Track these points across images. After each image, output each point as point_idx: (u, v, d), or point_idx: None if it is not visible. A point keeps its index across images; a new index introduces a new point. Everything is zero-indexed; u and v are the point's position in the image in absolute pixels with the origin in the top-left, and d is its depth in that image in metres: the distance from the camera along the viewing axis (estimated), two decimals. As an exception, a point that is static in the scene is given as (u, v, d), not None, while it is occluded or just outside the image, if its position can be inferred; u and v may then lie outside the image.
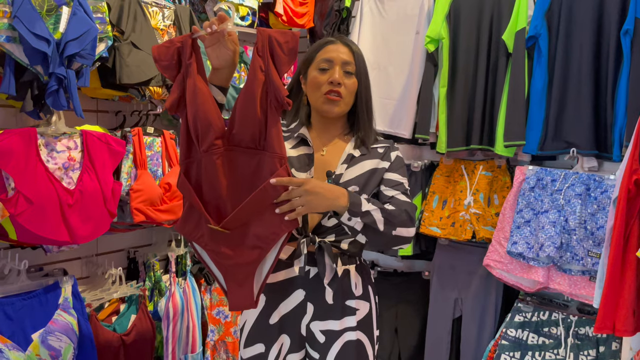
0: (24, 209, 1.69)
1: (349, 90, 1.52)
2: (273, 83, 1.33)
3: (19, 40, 1.67)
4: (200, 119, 1.32)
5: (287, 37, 1.34)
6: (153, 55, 1.34)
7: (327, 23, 2.87)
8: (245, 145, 1.36)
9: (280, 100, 1.34)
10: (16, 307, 1.79)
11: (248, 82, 1.34)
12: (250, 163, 1.37)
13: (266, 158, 1.36)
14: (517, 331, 2.24)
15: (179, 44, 1.33)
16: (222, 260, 1.39)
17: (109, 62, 1.96)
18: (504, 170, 2.45)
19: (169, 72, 1.35)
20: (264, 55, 1.33)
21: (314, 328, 1.50)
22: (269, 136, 1.35)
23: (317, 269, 1.47)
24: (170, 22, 2.19)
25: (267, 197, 1.35)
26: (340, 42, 1.54)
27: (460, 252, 2.56)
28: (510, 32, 2.32)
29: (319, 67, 1.51)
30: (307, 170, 1.50)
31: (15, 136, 1.72)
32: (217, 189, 1.36)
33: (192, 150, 1.37)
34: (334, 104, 1.51)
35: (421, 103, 2.52)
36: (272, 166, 1.35)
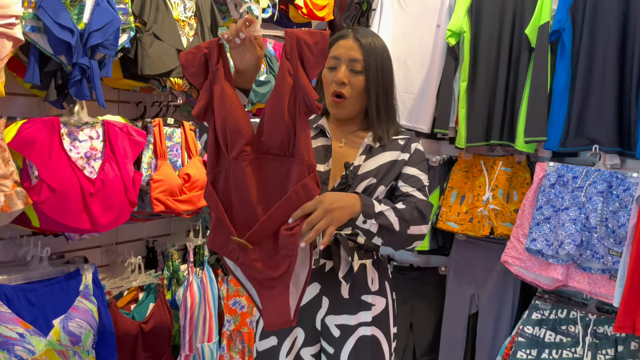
0: (47, 197, 1.71)
1: (355, 90, 1.48)
2: (302, 87, 1.28)
3: (44, 30, 1.69)
4: (229, 125, 1.29)
5: (317, 38, 1.27)
6: (180, 63, 1.31)
7: (347, 16, 2.85)
8: (274, 152, 1.32)
9: (310, 105, 1.28)
10: (38, 293, 1.82)
11: (276, 86, 1.29)
12: (280, 170, 1.32)
13: (295, 165, 1.30)
14: (534, 329, 2.22)
15: (206, 50, 1.29)
16: (254, 274, 1.34)
17: (131, 52, 1.98)
18: (524, 166, 2.43)
19: (196, 79, 1.32)
20: (292, 58, 1.28)
21: (328, 322, 1.49)
22: (298, 142, 1.30)
23: (333, 263, 1.47)
24: (192, 13, 2.20)
25: (293, 206, 1.29)
26: (352, 36, 1.49)
27: (477, 248, 2.54)
28: (534, 26, 2.28)
29: (328, 64, 1.49)
30: (325, 161, 1.49)
31: (39, 125, 1.74)
32: (246, 198, 1.31)
33: (220, 159, 1.33)
34: (339, 107, 1.49)
35: (441, 97, 2.50)
36: (301, 174, 1.30)
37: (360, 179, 1.48)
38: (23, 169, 1.73)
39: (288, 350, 1.49)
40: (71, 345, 1.81)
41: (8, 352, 1.68)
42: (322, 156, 1.50)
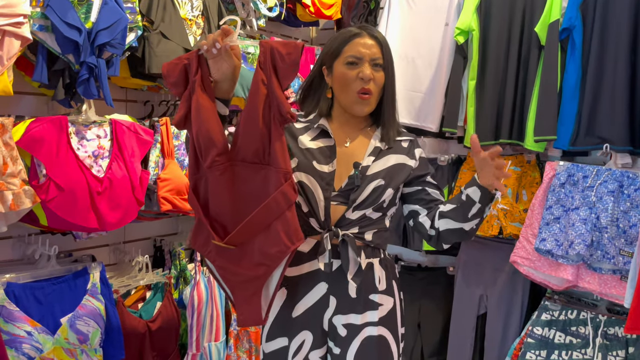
0: (55, 196, 1.72)
1: (378, 86, 1.50)
2: (276, 97, 1.32)
3: (52, 29, 1.70)
4: (202, 135, 1.33)
5: (289, 49, 1.32)
6: (162, 73, 1.36)
7: (355, 14, 2.84)
8: (250, 160, 1.37)
9: (283, 114, 1.33)
10: (46, 292, 1.82)
11: (250, 96, 1.34)
12: (255, 178, 1.37)
13: (271, 173, 1.36)
14: (544, 329, 2.20)
15: (186, 61, 1.33)
16: (229, 276, 1.41)
17: (138, 51, 1.98)
18: (534, 165, 2.40)
19: (176, 89, 1.36)
20: (265, 68, 1.33)
21: (336, 322, 1.48)
22: (273, 151, 1.35)
23: (341, 263, 1.46)
24: (199, 12, 2.20)
25: (272, 213, 1.35)
26: (366, 34, 1.50)
27: (486, 248, 2.52)
28: (543, 24, 2.26)
29: (347, 61, 1.48)
30: (329, 162, 1.49)
31: (47, 124, 1.75)
32: (222, 205, 1.37)
33: (199, 166, 1.38)
34: (365, 104, 1.49)
35: (449, 96, 2.48)
36: (277, 181, 1.35)
37: (369, 179, 1.47)
38: (31, 167, 1.74)
39: (295, 352, 1.48)
40: (79, 343, 1.81)
41: (16, 350, 1.68)
42: (327, 157, 1.49)
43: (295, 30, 3.15)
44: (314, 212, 1.47)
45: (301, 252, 1.48)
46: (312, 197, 1.47)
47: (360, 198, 1.46)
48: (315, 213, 1.47)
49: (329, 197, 1.46)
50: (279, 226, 1.36)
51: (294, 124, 1.54)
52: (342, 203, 1.47)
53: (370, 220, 1.49)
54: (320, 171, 1.47)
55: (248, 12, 2.51)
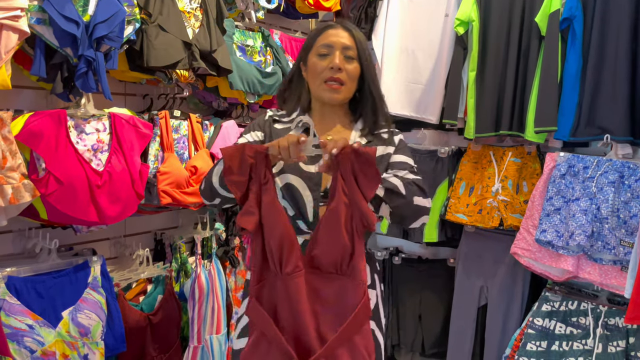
0: (54, 189, 1.72)
1: (350, 76, 1.48)
2: (359, 207, 1.26)
3: (49, 22, 1.69)
4: (286, 241, 1.27)
5: (368, 159, 1.25)
6: (225, 166, 1.27)
7: (354, 6, 2.83)
8: (325, 269, 1.30)
9: (367, 226, 1.27)
10: (47, 285, 1.83)
11: (333, 206, 1.27)
12: (331, 288, 1.30)
13: (349, 284, 1.29)
14: (545, 320, 2.20)
15: (252, 160, 1.26)
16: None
17: (136, 44, 1.97)
18: (534, 156, 2.40)
19: (239, 188, 1.28)
20: (347, 177, 1.26)
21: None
22: (356, 263, 1.28)
23: None
24: (197, 4, 2.19)
25: (355, 327, 1.28)
26: (340, 26, 1.51)
27: (487, 240, 2.52)
28: (544, 14, 2.25)
29: (318, 52, 1.48)
30: (315, 162, 1.47)
31: (46, 118, 1.74)
32: (298, 316, 1.27)
33: (264, 273, 1.30)
34: (335, 92, 1.48)
35: (449, 87, 2.47)
36: (357, 294, 1.28)
37: None
38: (30, 161, 1.74)
39: None
40: (80, 336, 1.82)
41: (18, 343, 1.69)
42: (312, 157, 1.47)
43: (294, 23, 3.13)
44: (301, 214, 1.45)
45: None
46: (301, 198, 1.45)
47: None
48: (303, 215, 1.45)
49: (317, 197, 1.45)
50: (360, 341, 1.29)
51: (276, 125, 1.52)
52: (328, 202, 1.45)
53: None
54: (307, 172, 1.46)
55: (247, 5, 2.50)
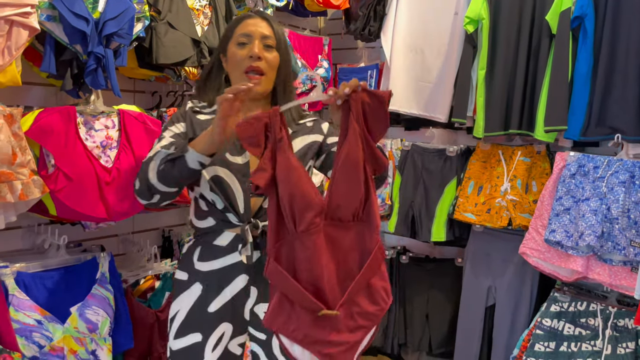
0: (64, 186, 1.73)
1: (270, 65, 1.48)
2: (371, 151, 1.25)
3: (59, 19, 1.70)
4: (297, 200, 1.23)
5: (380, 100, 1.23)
6: (238, 134, 1.25)
7: (363, 4, 2.82)
8: (344, 218, 1.27)
9: (379, 169, 1.26)
10: (55, 281, 1.84)
11: (349, 152, 1.24)
12: (348, 236, 1.28)
13: (365, 229, 1.28)
14: (553, 321, 2.19)
15: (267, 119, 1.25)
16: (326, 349, 1.25)
17: (145, 42, 1.98)
18: (544, 156, 2.38)
19: (256, 149, 1.26)
20: (359, 121, 1.23)
21: (257, 310, 1.49)
22: (369, 207, 1.27)
23: (261, 254, 1.46)
24: (207, 2, 2.19)
25: (373, 270, 1.28)
26: (258, 16, 1.51)
27: (495, 239, 2.51)
28: (555, 12, 2.23)
29: (237, 41, 1.48)
30: (241, 153, 1.47)
31: (55, 114, 1.75)
32: (316, 270, 1.24)
33: (281, 232, 1.27)
34: (255, 83, 1.45)
35: (458, 86, 2.46)
36: (374, 238, 1.28)
37: None
38: (40, 157, 1.75)
39: (214, 346, 1.47)
40: (88, 332, 1.82)
41: (26, 338, 1.70)
42: (238, 148, 1.47)
43: (303, 20, 3.13)
44: (232, 206, 1.45)
45: (218, 247, 1.47)
46: (230, 190, 1.44)
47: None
48: (234, 207, 1.45)
49: (247, 189, 1.44)
50: (378, 282, 1.29)
51: (198, 116, 1.51)
52: (258, 195, 1.42)
53: None
54: (234, 163, 1.45)
55: (255, 2, 2.50)
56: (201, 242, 1.51)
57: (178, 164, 1.36)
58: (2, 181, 1.57)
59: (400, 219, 2.67)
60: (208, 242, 1.49)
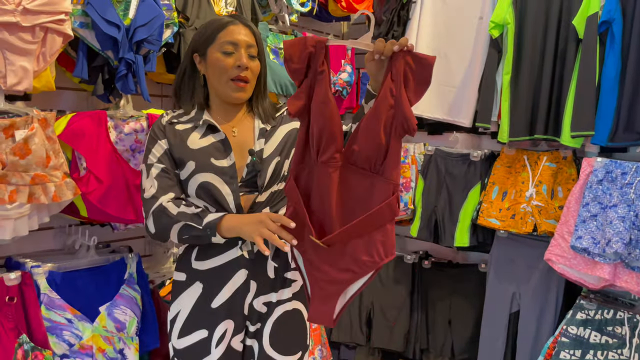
0: (94, 188, 1.77)
1: (254, 74, 1.52)
2: (403, 111, 1.28)
3: (92, 26, 1.75)
4: (327, 130, 1.30)
5: (424, 65, 1.26)
6: (285, 55, 1.29)
7: (387, 9, 2.83)
8: (360, 165, 1.33)
9: (407, 129, 1.29)
10: (85, 281, 1.88)
11: (376, 104, 1.30)
12: (363, 184, 1.33)
13: (380, 183, 1.32)
14: (579, 329, 2.16)
15: (312, 49, 1.29)
16: (314, 271, 1.39)
17: (174, 47, 2.02)
18: (570, 161, 2.35)
19: (297, 76, 1.31)
20: (396, 79, 1.27)
21: (255, 304, 1.52)
22: (389, 161, 1.31)
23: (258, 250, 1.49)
24: (233, 8, 2.23)
25: (375, 222, 1.32)
26: (240, 23, 1.52)
27: (520, 245, 2.48)
28: (582, 17, 2.21)
29: (222, 49, 1.48)
30: (226, 156, 1.48)
31: (87, 118, 1.80)
32: (325, 202, 1.34)
33: (306, 157, 1.36)
34: (242, 91, 1.50)
35: (483, 90, 2.45)
36: (385, 192, 1.31)
37: (268, 161, 1.50)
38: (72, 160, 1.80)
39: (218, 341, 1.49)
40: (116, 331, 1.86)
41: (57, 336, 1.75)
42: (222, 151, 1.49)
43: (326, 25, 3.15)
44: (223, 209, 1.47)
45: (217, 244, 1.49)
46: (219, 194, 1.47)
47: (266, 180, 1.49)
48: (225, 209, 1.47)
49: (235, 189, 1.47)
50: (378, 237, 1.33)
51: (176, 127, 1.51)
52: (249, 192, 1.49)
53: (278, 195, 1.53)
54: (220, 167, 1.47)
55: (280, 8, 2.53)
56: None
57: (203, 239, 1.42)
58: (36, 183, 1.62)
59: (423, 223, 2.66)
60: None
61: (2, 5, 1.52)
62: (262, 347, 1.53)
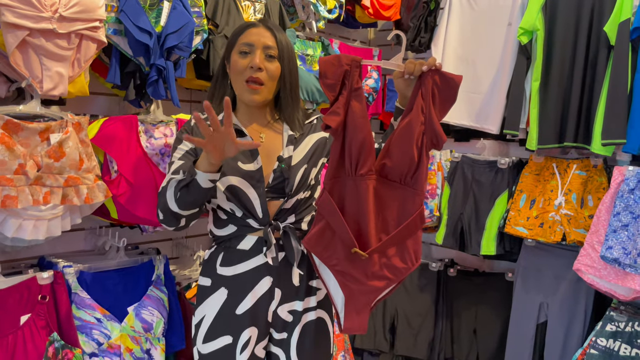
0: (125, 191, 1.81)
1: (270, 76, 1.48)
2: (433, 126, 1.36)
3: (124, 33, 1.79)
4: (367, 144, 1.37)
5: (451, 84, 1.36)
6: (320, 71, 1.35)
7: (414, 15, 2.83)
8: (392, 178, 1.40)
9: (436, 144, 1.38)
10: (115, 281, 1.92)
11: (409, 120, 1.36)
12: (395, 195, 1.41)
13: (410, 194, 1.40)
14: (608, 341, 2.11)
15: (347, 67, 1.35)
16: (350, 283, 1.43)
17: (203, 54, 2.05)
18: (601, 170, 2.31)
19: (332, 91, 1.37)
20: (426, 97, 1.36)
21: (280, 312, 1.52)
22: (419, 175, 1.39)
23: (285, 254, 1.50)
24: (261, 15, 2.26)
25: (410, 231, 1.41)
26: (262, 25, 1.51)
27: (548, 255, 2.44)
28: (613, 23, 2.17)
29: (240, 50, 1.48)
30: (252, 160, 1.48)
31: (119, 123, 1.84)
32: (362, 214, 1.39)
33: (340, 171, 1.40)
34: (254, 93, 1.47)
35: (511, 97, 2.42)
36: (417, 203, 1.40)
37: (296, 168, 1.50)
38: (104, 163, 1.84)
39: (243, 347, 1.49)
40: (143, 332, 1.90)
41: (86, 335, 1.78)
42: (248, 156, 1.49)
43: (353, 32, 3.16)
44: (250, 212, 1.47)
45: (242, 251, 1.49)
46: (246, 197, 1.47)
47: (293, 187, 1.49)
48: (252, 213, 1.47)
49: (262, 193, 1.47)
50: (411, 244, 1.42)
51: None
52: (275, 198, 1.49)
53: (304, 203, 1.53)
54: (247, 170, 1.47)
55: (308, 15, 2.55)
56: (223, 248, 1.54)
57: (192, 187, 1.38)
58: (69, 185, 1.66)
59: (449, 231, 2.64)
60: (231, 247, 1.52)
61: (40, 12, 1.58)
62: (289, 357, 1.53)
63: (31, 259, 1.94)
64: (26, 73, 1.60)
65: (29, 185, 1.58)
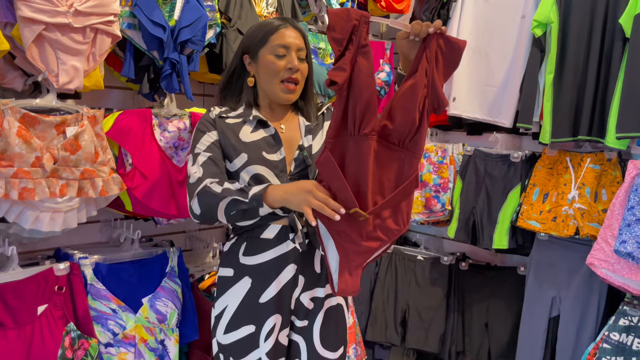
0: (139, 183, 1.84)
1: (303, 76, 1.58)
2: (436, 90, 1.36)
3: (139, 27, 1.81)
4: (371, 102, 1.34)
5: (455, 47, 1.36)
6: (329, 24, 1.31)
7: (427, 8, 2.81)
8: (391, 140, 1.40)
9: (437, 108, 1.38)
10: (129, 273, 1.95)
11: (414, 83, 1.35)
12: (393, 157, 1.41)
13: (407, 157, 1.41)
14: (621, 335, 2.10)
15: (356, 22, 1.31)
16: (346, 243, 1.42)
17: (216, 48, 2.07)
18: (615, 163, 2.29)
19: (338, 45, 1.32)
20: (431, 60, 1.35)
21: (302, 299, 1.55)
22: (418, 138, 1.39)
23: (309, 240, 1.53)
24: (274, 9, 2.26)
25: (406, 193, 1.42)
26: (291, 26, 1.56)
27: (560, 249, 2.43)
28: (629, 15, 2.14)
29: (275, 52, 1.53)
30: (277, 150, 1.54)
31: (133, 116, 1.86)
32: (362, 174, 1.37)
33: (341, 130, 1.37)
34: (292, 92, 1.55)
35: (525, 90, 2.40)
36: (414, 166, 1.41)
37: (316, 156, 1.51)
38: (119, 156, 1.87)
39: (266, 336, 1.51)
40: (158, 323, 1.92)
41: (102, 325, 1.81)
42: (273, 145, 1.54)
43: (366, 25, 3.15)
44: None
45: (266, 240, 1.52)
46: None
47: (316, 174, 1.52)
48: None
49: (285, 182, 1.51)
50: (405, 207, 1.44)
51: (226, 121, 1.56)
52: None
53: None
54: (272, 160, 1.52)
55: (320, 8, 2.55)
56: (246, 238, 1.56)
57: (250, 212, 1.42)
58: (85, 178, 1.69)
59: (461, 225, 2.64)
60: (254, 236, 1.54)
61: (55, 7, 1.59)
62: (312, 344, 1.56)
63: (48, 250, 1.97)
64: (42, 67, 1.62)
65: (45, 177, 1.60)
